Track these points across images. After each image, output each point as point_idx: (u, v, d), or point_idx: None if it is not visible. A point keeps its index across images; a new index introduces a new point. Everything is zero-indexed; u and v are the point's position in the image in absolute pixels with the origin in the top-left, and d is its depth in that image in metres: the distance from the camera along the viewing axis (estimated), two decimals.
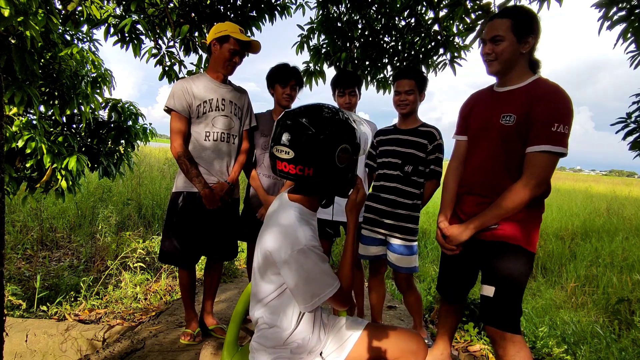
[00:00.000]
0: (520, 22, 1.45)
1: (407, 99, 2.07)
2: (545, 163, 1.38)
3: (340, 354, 1.25)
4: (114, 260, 3.49)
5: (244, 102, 2.23)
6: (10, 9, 1.94)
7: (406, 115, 2.12)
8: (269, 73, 2.34)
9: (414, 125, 2.13)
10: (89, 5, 2.64)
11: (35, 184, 2.82)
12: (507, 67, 1.50)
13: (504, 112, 1.49)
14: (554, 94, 1.39)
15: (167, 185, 6.74)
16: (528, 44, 1.46)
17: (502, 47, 1.46)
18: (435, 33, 3.27)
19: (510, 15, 1.46)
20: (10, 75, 2.38)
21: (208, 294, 2.34)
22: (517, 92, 1.49)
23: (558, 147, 1.36)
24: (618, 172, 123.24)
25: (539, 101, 1.39)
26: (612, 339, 2.70)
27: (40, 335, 2.43)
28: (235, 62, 2.10)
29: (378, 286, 2.27)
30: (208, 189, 2.03)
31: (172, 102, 2.05)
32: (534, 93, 1.42)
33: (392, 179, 2.09)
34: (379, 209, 2.11)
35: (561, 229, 6.84)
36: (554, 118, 1.35)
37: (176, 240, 2.11)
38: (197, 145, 2.10)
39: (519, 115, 1.44)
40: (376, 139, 2.24)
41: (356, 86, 2.32)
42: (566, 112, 1.36)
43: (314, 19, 3.71)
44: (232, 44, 2.03)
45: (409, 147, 2.07)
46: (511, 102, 1.48)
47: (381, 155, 2.18)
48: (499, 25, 1.46)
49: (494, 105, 1.54)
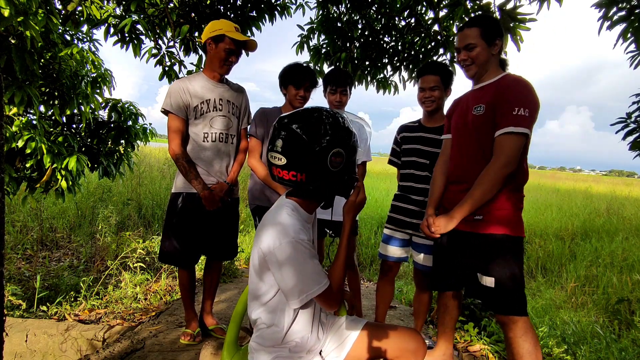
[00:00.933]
0: (488, 28, 1.63)
1: (432, 95, 2.03)
2: (510, 143, 1.51)
3: (340, 353, 1.25)
4: (114, 260, 3.49)
5: (241, 101, 2.21)
6: (10, 9, 1.94)
7: (432, 113, 2.08)
8: (282, 72, 2.24)
9: (440, 122, 2.07)
10: (89, 5, 2.64)
11: (35, 184, 2.82)
12: (483, 69, 1.67)
13: (475, 104, 1.66)
14: (516, 83, 1.57)
15: (167, 185, 6.74)
16: (497, 46, 1.65)
17: (476, 52, 1.64)
18: (435, 33, 3.27)
19: (478, 24, 1.64)
20: (10, 75, 2.38)
21: (208, 294, 2.34)
22: (488, 86, 1.66)
23: (520, 128, 1.50)
24: (618, 172, 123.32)
25: (503, 90, 1.57)
26: (612, 339, 2.69)
27: (40, 335, 2.43)
28: (232, 61, 2.06)
29: (386, 287, 2.25)
30: (207, 190, 2.03)
31: (169, 103, 2.03)
32: (501, 84, 1.60)
33: (421, 179, 2.07)
34: (407, 209, 2.10)
35: (561, 229, 6.84)
36: (515, 103, 1.51)
37: (176, 241, 2.11)
38: (195, 146, 2.08)
39: (487, 104, 1.60)
40: (400, 135, 2.20)
41: (348, 85, 2.30)
42: (527, 98, 1.52)
43: (314, 19, 3.72)
44: (227, 43, 1.99)
45: (436, 146, 2.03)
46: (482, 95, 1.65)
47: (406, 153, 2.14)
48: (469, 33, 1.64)
49: (469, 101, 1.71)
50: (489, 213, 1.59)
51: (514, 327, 1.55)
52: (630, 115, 2.62)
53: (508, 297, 1.56)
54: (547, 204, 9.94)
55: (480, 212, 1.61)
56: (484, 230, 1.60)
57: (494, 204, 1.58)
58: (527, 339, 1.54)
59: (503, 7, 2.48)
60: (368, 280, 4.21)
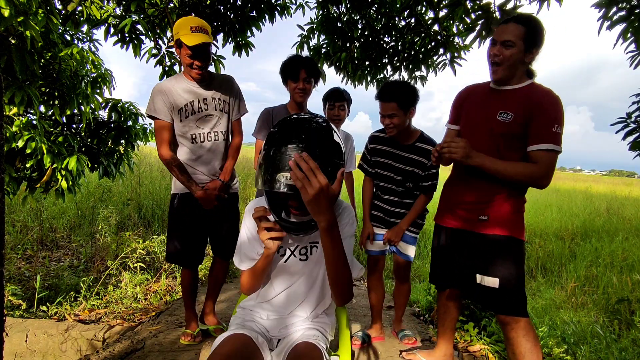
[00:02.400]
0: (533, 32, 1.52)
1: (392, 122, 1.96)
2: (550, 160, 1.51)
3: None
4: (114, 260, 3.49)
5: (229, 92, 2.10)
6: (11, 9, 1.94)
7: (396, 135, 2.04)
8: (280, 69, 2.22)
9: (411, 139, 2.07)
10: (89, 6, 2.65)
11: (36, 184, 2.82)
12: (511, 74, 1.57)
13: (501, 109, 1.58)
14: (551, 98, 1.53)
15: (167, 185, 6.74)
16: (532, 55, 1.55)
17: (511, 53, 1.52)
18: (435, 33, 3.27)
19: (525, 23, 1.52)
20: (11, 75, 2.38)
21: (211, 294, 2.34)
22: (515, 92, 1.58)
23: (558, 147, 1.51)
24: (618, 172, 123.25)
25: (539, 105, 1.51)
26: (612, 339, 2.69)
27: (40, 335, 2.43)
28: (199, 65, 1.92)
29: (377, 285, 2.27)
30: (201, 190, 2.02)
31: (152, 108, 1.98)
32: (533, 96, 1.53)
33: (395, 193, 2.15)
34: (384, 209, 2.19)
35: (561, 229, 6.84)
36: (554, 120, 1.49)
37: (177, 241, 2.11)
38: (186, 148, 2.06)
39: (516, 113, 1.54)
40: (371, 146, 2.19)
41: (345, 102, 2.53)
42: (561, 115, 1.52)
43: (314, 19, 3.71)
44: (184, 48, 1.87)
45: (409, 164, 2.07)
46: (510, 101, 1.58)
47: (378, 166, 2.17)
48: (513, 30, 1.52)
49: (492, 102, 1.63)
50: (492, 214, 1.59)
51: (516, 327, 1.56)
52: (630, 115, 2.62)
53: (511, 297, 1.56)
54: (547, 204, 9.94)
55: (486, 212, 1.61)
56: (486, 231, 1.60)
57: (499, 205, 1.59)
58: (528, 338, 1.56)
59: (503, 7, 2.48)
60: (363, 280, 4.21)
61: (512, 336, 1.58)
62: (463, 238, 1.70)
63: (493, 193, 1.61)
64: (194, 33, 1.85)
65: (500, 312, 1.60)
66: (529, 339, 1.55)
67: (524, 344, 1.55)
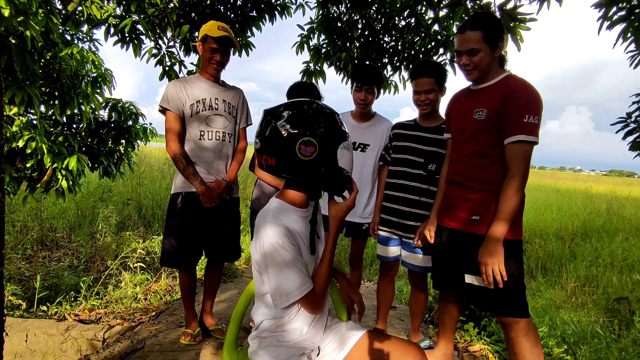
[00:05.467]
0: (492, 31, 1.55)
1: (428, 98, 1.99)
2: (523, 152, 1.49)
3: (339, 354, 1.25)
4: (114, 260, 3.49)
5: (238, 101, 2.21)
6: (11, 9, 1.94)
7: (428, 114, 2.07)
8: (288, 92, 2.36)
9: (436, 122, 2.06)
10: (89, 5, 2.64)
11: (36, 183, 2.82)
12: (485, 73, 1.61)
13: (477, 107, 1.61)
14: (522, 88, 1.51)
15: (167, 185, 6.74)
16: (499, 48, 1.58)
17: (479, 58, 1.56)
18: (435, 33, 3.27)
19: (480, 27, 1.54)
20: (11, 75, 2.38)
21: (208, 295, 2.33)
22: (490, 88, 1.60)
23: (531, 137, 1.48)
24: (618, 172, 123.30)
25: (510, 96, 1.51)
26: (612, 339, 2.69)
27: (40, 335, 2.43)
28: (217, 59, 2.06)
29: (387, 288, 2.25)
30: (205, 186, 2.03)
31: (166, 101, 2.06)
32: (505, 88, 1.54)
33: (414, 178, 2.03)
34: (398, 210, 2.08)
35: (561, 229, 6.84)
36: (525, 110, 1.47)
37: (176, 241, 2.10)
38: (192, 144, 2.09)
39: (489, 109, 1.56)
40: (393, 132, 2.17)
41: (375, 85, 2.18)
42: (535, 104, 1.49)
43: (314, 19, 3.71)
44: (209, 42, 2.03)
45: (432, 144, 2.02)
46: (484, 98, 1.60)
47: (398, 150, 2.11)
48: (472, 37, 1.55)
49: (469, 103, 1.66)
50: (487, 214, 1.58)
51: (516, 328, 1.55)
52: (630, 115, 2.62)
53: (509, 298, 1.55)
54: (547, 204, 9.94)
55: (477, 212, 1.60)
56: (479, 231, 1.59)
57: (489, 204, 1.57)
58: (529, 338, 1.54)
59: (503, 6, 2.48)
60: (368, 280, 4.21)
61: (512, 336, 1.57)
62: (459, 239, 1.69)
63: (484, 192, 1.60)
64: (220, 30, 2.01)
65: (500, 313, 1.58)
66: (529, 339, 1.54)
67: (524, 344, 1.54)
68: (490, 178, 1.58)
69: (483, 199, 1.60)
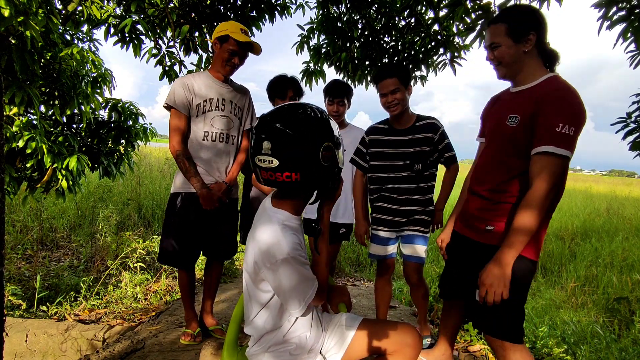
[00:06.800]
0: (515, 23, 1.39)
1: (395, 98, 1.99)
2: (550, 166, 1.26)
3: (339, 349, 1.26)
4: (114, 260, 3.49)
5: (244, 102, 2.21)
6: (11, 9, 1.94)
7: (399, 115, 2.07)
8: (268, 87, 2.39)
9: (410, 122, 2.08)
10: (89, 6, 2.64)
11: (36, 184, 2.82)
12: (513, 70, 1.45)
13: (511, 112, 1.43)
14: (561, 92, 1.31)
15: (167, 185, 6.74)
16: (530, 42, 1.38)
17: (500, 52, 1.43)
18: (435, 33, 3.27)
19: (504, 19, 1.42)
20: (11, 75, 2.39)
21: (208, 294, 2.33)
22: (525, 92, 1.43)
23: (561, 149, 1.25)
24: (618, 172, 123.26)
25: (545, 99, 1.31)
26: (612, 339, 2.69)
27: (40, 335, 2.43)
28: (235, 62, 2.07)
29: (384, 286, 2.25)
30: (205, 189, 2.02)
31: (172, 99, 2.03)
32: (541, 92, 1.34)
33: (403, 180, 2.06)
34: (392, 210, 2.11)
35: (561, 229, 6.84)
36: (559, 118, 1.25)
37: (174, 241, 2.10)
38: (195, 144, 2.08)
39: (523, 116, 1.37)
40: (369, 138, 2.18)
41: (345, 96, 2.43)
42: (574, 112, 1.27)
43: (314, 19, 3.71)
44: (231, 44, 2.01)
45: (413, 145, 2.03)
46: (518, 102, 1.43)
47: (380, 157, 2.12)
48: (494, 31, 1.44)
49: (505, 107, 1.50)
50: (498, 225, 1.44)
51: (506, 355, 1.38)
52: (630, 115, 2.62)
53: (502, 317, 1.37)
54: None
55: (492, 222, 1.46)
56: (490, 242, 1.45)
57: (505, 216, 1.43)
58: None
59: (503, 7, 2.48)
60: (368, 281, 4.21)
61: None
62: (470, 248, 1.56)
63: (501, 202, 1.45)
64: (243, 34, 2.02)
65: (487, 331, 1.43)
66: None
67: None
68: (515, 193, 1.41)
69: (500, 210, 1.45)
